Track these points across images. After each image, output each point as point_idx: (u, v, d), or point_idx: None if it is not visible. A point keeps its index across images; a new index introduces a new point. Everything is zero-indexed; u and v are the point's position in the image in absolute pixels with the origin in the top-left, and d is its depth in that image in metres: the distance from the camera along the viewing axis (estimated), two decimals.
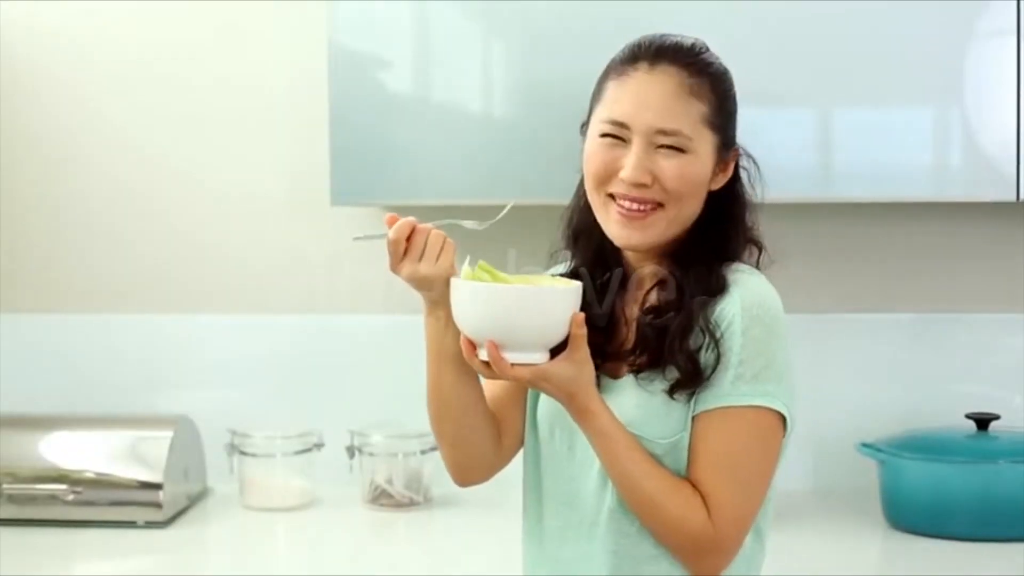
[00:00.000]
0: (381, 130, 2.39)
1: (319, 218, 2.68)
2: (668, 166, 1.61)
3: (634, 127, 1.62)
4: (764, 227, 1.73)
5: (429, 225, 1.64)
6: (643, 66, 1.64)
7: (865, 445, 2.40)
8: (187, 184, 2.77)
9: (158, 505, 2.45)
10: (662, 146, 1.62)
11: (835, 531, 2.37)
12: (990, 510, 2.27)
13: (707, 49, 1.67)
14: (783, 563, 1.74)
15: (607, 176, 1.64)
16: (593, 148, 1.66)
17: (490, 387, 1.76)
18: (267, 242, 2.75)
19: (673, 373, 1.60)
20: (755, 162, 1.71)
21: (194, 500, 2.61)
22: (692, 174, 1.63)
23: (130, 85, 2.76)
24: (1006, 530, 2.27)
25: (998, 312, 2.62)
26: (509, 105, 2.38)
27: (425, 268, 1.63)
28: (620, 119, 1.63)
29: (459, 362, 1.66)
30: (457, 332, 1.65)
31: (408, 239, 1.63)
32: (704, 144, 1.63)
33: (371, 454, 2.57)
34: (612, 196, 1.64)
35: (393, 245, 1.63)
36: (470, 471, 1.77)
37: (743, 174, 1.70)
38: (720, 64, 1.68)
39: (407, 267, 1.63)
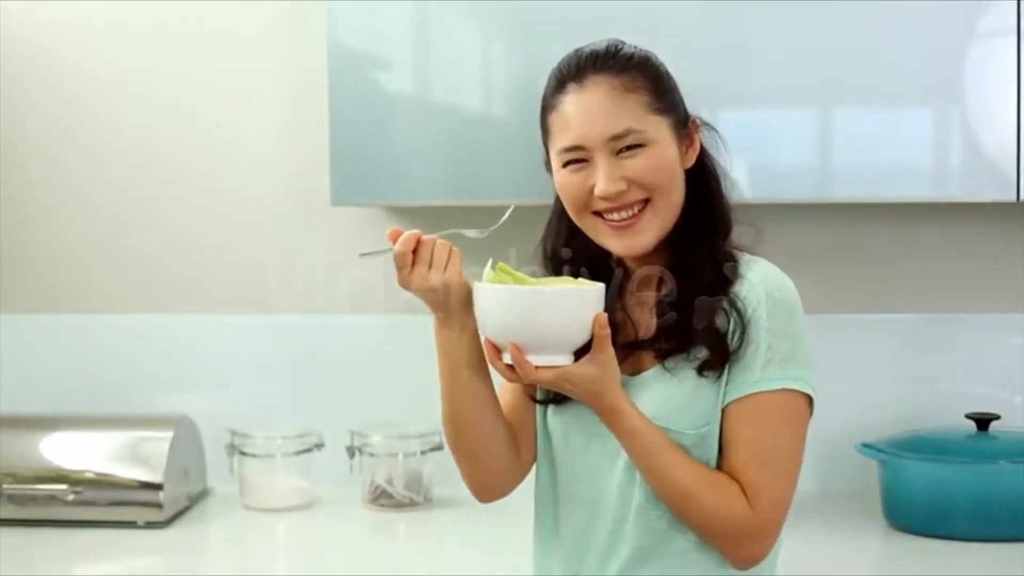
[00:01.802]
0: (381, 130, 2.39)
1: (319, 218, 2.69)
2: (636, 165, 1.64)
3: (589, 144, 1.65)
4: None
5: (433, 235, 1.65)
6: (572, 87, 1.67)
7: (865, 445, 2.40)
8: (186, 184, 2.77)
9: (158, 505, 2.45)
10: (622, 150, 1.64)
11: (835, 531, 2.37)
12: (990, 510, 2.27)
13: (623, 44, 1.70)
14: (783, 562, 1.74)
15: (585, 199, 1.67)
16: (562, 180, 1.69)
17: (505, 397, 1.76)
18: (267, 242, 2.75)
19: (700, 353, 1.61)
20: (715, 129, 1.74)
21: (194, 500, 2.61)
22: (661, 163, 1.65)
23: (129, 84, 2.76)
24: (1006, 530, 2.27)
25: (998, 312, 2.62)
26: (509, 105, 2.38)
27: (435, 278, 1.64)
28: (573, 143, 1.66)
29: (474, 370, 1.67)
30: (470, 340, 1.66)
31: (414, 251, 1.64)
32: (659, 130, 1.66)
33: (371, 454, 2.57)
34: (596, 215, 1.67)
35: (400, 258, 1.64)
36: (492, 485, 1.77)
37: (708, 144, 1.73)
38: (639, 52, 1.70)
39: (416, 279, 1.64)
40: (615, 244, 1.67)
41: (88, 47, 2.76)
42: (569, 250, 1.74)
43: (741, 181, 2.26)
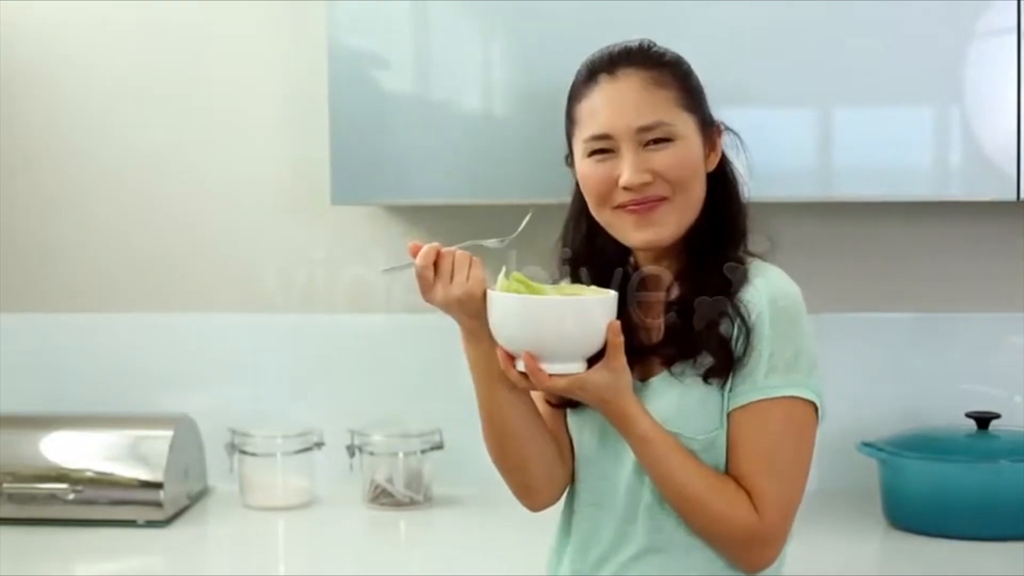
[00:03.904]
0: (381, 130, 2.39)
1: (319, 218, 2.69)
2: (663, 158, 1.64)
3: (617, 134, 1.64)
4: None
5: (453, 248, 1.65)
6: (603, 77, 1.67)
7: (865, 444, 2.40)
8: (187, 183, 2.76)
9: (158, 504, 2.45)
10: (649, 143, 1.64)
11: (835, 530, 2.37)
12: (990, 509, 2.27)
13: (655, 44, 1.71)
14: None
15: (608, 191, 1.66)
16: (586, 170, 1.68)
17: (540, 404, 1.75)
18: (267, 242, 2.75)
19: (705, 360, 1.62)
20: (738, 136, 1.75)
21: (194, 499, 2.61)
22: (688, 158, 1.66)
23: (129, 84, 2.76)
24: (1007, 529, 2.27)
25: (998, 312, 2.62)
26: (509, 105, 2.38)
27: (457, 290, 1.62)
28: (601, 132, 1.65)
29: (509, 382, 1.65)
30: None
31: (434, 264, 1.63)
32: (687, 126, 1.66)
33: (371, 453, 2.57)
34: (617, 209, 1.66)
35: (421, 272, 1.63)
36: (542, 493, 1.76)
37: (730, 152, 1.73)
38: (672, 52, 1.71)
39: (440, 292, 1.63)
40: (635, 237, 1.67)
41: (88, 47, 2.76)
42: (586, 252, 1.74)
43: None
